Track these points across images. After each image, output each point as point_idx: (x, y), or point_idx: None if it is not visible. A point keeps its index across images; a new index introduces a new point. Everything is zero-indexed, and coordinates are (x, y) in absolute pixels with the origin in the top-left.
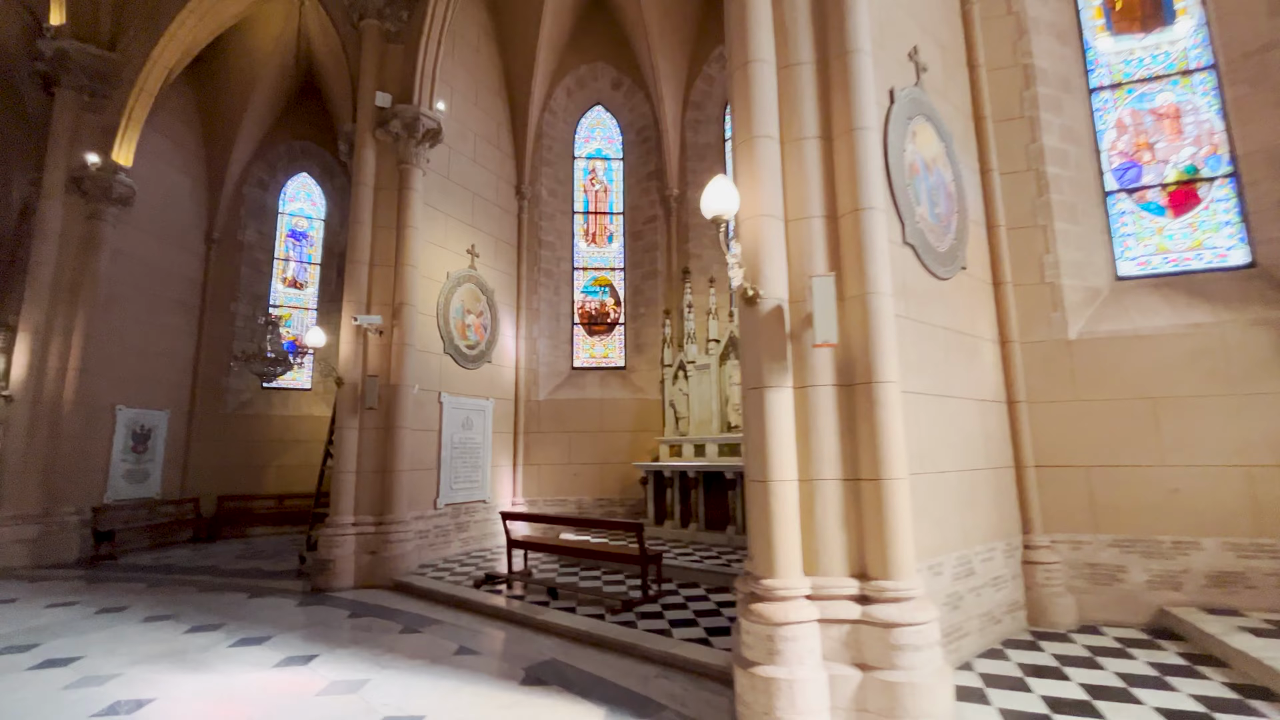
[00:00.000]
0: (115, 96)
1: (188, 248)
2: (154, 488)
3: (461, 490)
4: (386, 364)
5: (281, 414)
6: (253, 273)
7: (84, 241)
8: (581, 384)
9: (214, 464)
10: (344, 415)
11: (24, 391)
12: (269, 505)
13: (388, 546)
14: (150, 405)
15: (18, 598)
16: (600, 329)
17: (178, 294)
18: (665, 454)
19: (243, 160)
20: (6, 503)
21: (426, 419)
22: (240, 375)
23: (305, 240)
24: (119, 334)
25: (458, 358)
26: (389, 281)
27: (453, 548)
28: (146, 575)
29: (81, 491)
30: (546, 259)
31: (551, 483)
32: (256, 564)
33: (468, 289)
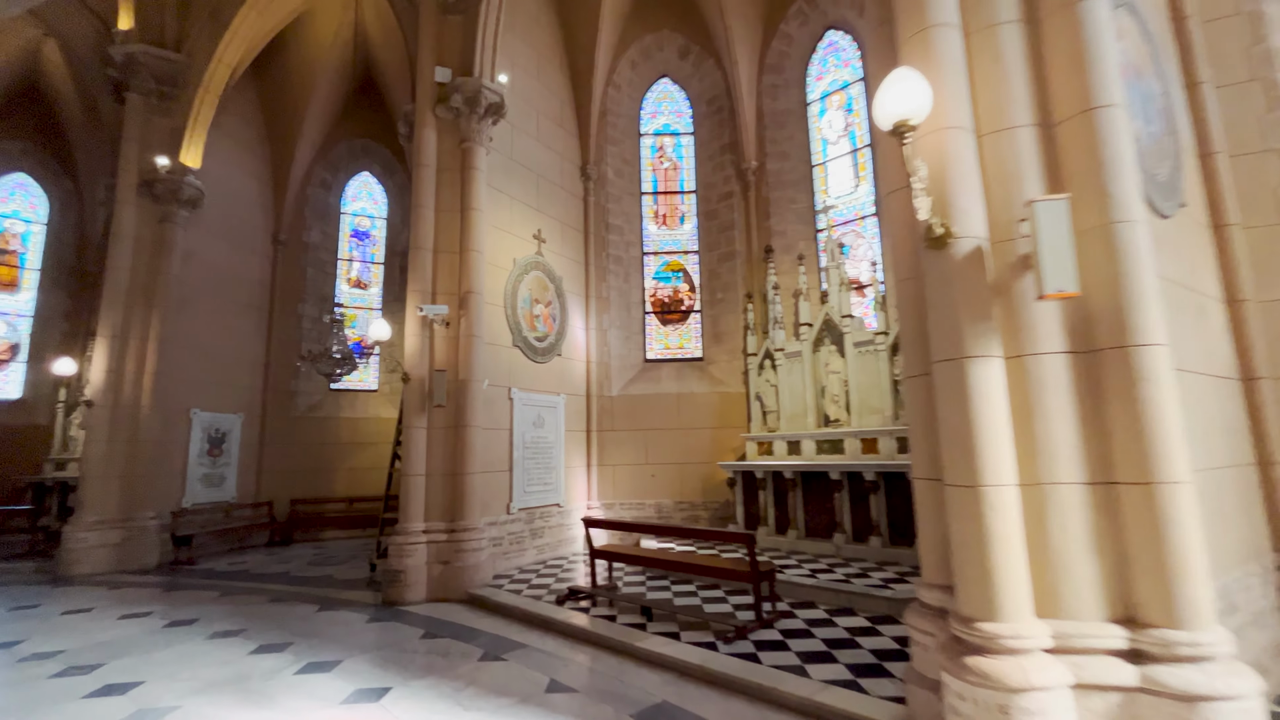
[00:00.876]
0: (182, 99)
1: (255, 249)
2: (229, 492)
3: (535, 494)
4: (454, 358)
5: (349, 416)
6: (318, 274)
7: (156, 245)
8: (656, 377)
9: (285, 467)
10: (411, 414)
11: (103, 396)
12: (339, 508)
13: (460, 556)
14: (223, 409)
15: (95, 606)
16: (674, 317)
17: (246, 296)
18: (753, 452)
19: (305, 160)
20: (89, 507)
21: (496, 417)
22: (309, 377)
23: (368, 240)
24: (191, 337)
25: (527, 350)
26: (454, 269)
27: (527, 556)
28: (220, 582)
29: (160, 496)
30: (615, 244)
31: (628, 485)
32: (328, 571)
33: (535, 277)
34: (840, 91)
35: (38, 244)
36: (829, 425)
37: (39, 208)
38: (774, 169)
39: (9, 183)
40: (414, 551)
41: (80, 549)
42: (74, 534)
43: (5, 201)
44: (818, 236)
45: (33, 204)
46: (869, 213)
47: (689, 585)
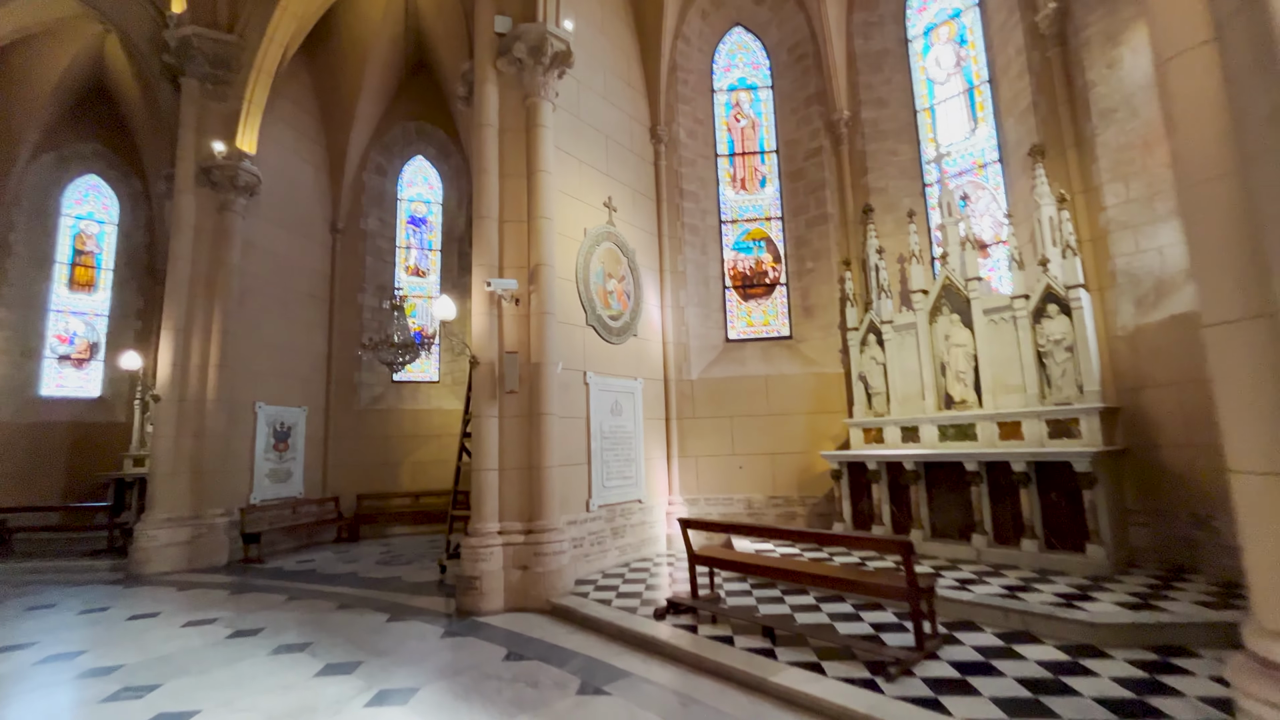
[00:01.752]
0: (236, 82)
1: (313, 238)
2: (296, 487)
3: (615, 489)
4: (525, 338)
5: (412, 408)
6: (377, 262)
7: (216, 234)
8: (740, 358)
9: (350, 461)
10: (481, 402)
11: (170, 390)
12: (405, 503)
13: (541, 560)
14: (288, 402)
15: (161, 610)
16: (757, 291)
17: (307, 286)
18: (858, 440)
19: (360, 145)
20: (159, 504)
21: (572, 404)
22: (371, 369)
23: (424, 226)
24: (253, 329)
25: (601, 330)
26: (521, 239)
27: (609, 558)
28: (288, 584)
29: (229, 492)
30: (689, 212)
31: (712, 478)
32: (396, 572)
33: (607, 249)
34: (950, 22)
35: (111, 244)
36: (952, 407)
37: (111, 208)
38: (870, 118)
39: (83, 185)
40: (489, 555)
41: (151, 547)
42: (145, 531)
43: (80, 203)
44: (925, 192)
45: (105, 205)
46: (991, 159)
47: (804, 597)
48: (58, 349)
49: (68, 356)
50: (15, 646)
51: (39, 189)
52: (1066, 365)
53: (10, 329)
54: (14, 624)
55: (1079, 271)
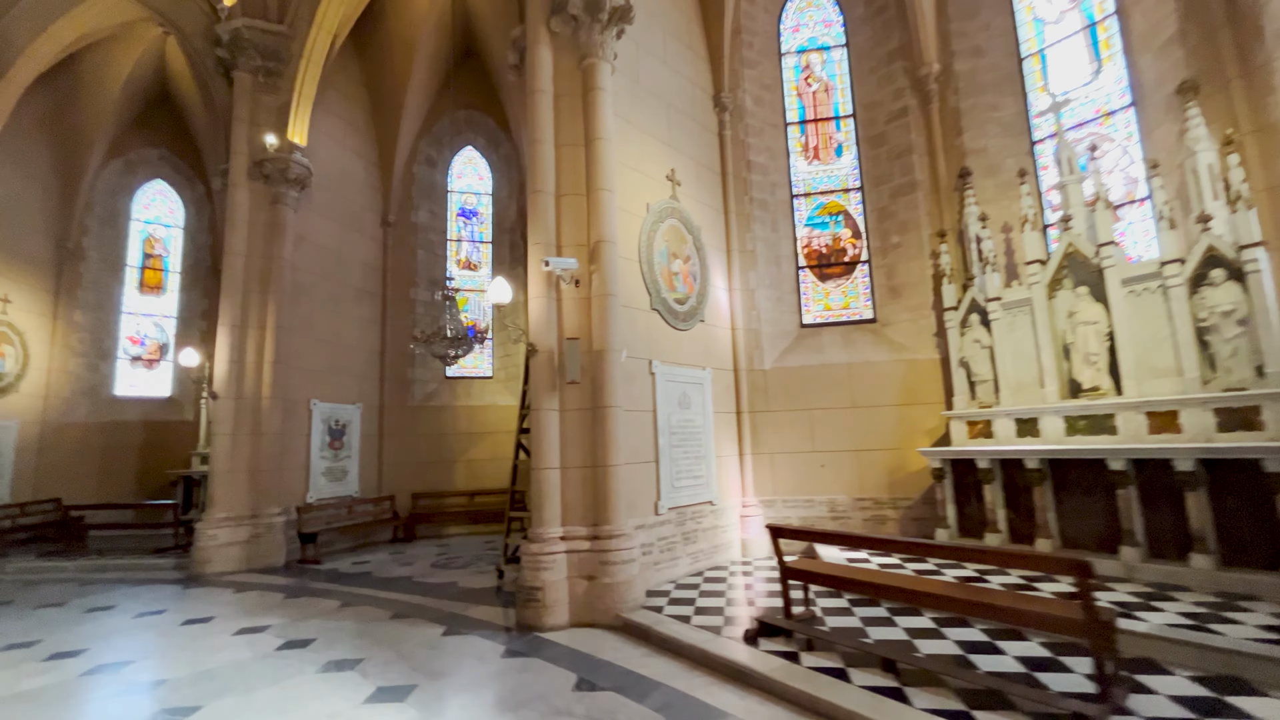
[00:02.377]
0: (286, 74)
1: (365, 232)
2: (352, 486)
3: (685, 489)
4: (586, 324)
5: (466, 404)
6: (428, 256)
7: (269, 228)
8: (817, 345)
9: (404, 459)
10: (540, 394)
11: (227, 388)
12: (460, 502)
13: (608, 569)
14: (342, 399)
15: (215, 615)
16: (835, 271)
17: (359, 281)
18: (961, 435)
19: (410, 137)
20: (219, 503)
21: (638, 396)
22: (424, 364)
23: (475, 218)
24: (307, 325)
25: (667, 315)
26: (580, 214)
27: (680, 567)
28: (343, 588)
29: (286, 491)
30: (758, 185)
31: (790, 477)
32: (452, 577)
33: (670, 226)
34: None
35: (177, 247)
36: (1080, 395)
37: (176, 212)
38: (964, 70)
39: (150, 190)
40: (552, 564)
41: (211, 547)
42: (205, 531)
43: (148, 208)
44: (1034, 150)
45: (171, 209)
46: (1120, 104)
47: (917, 619)
48: (130, 350)
49: (139, 357)
50: (66, 654)
51: (110, 195)
52: (1238, 342)
53: (86, 331)
54: (70, 628)
55: (1254, 227)
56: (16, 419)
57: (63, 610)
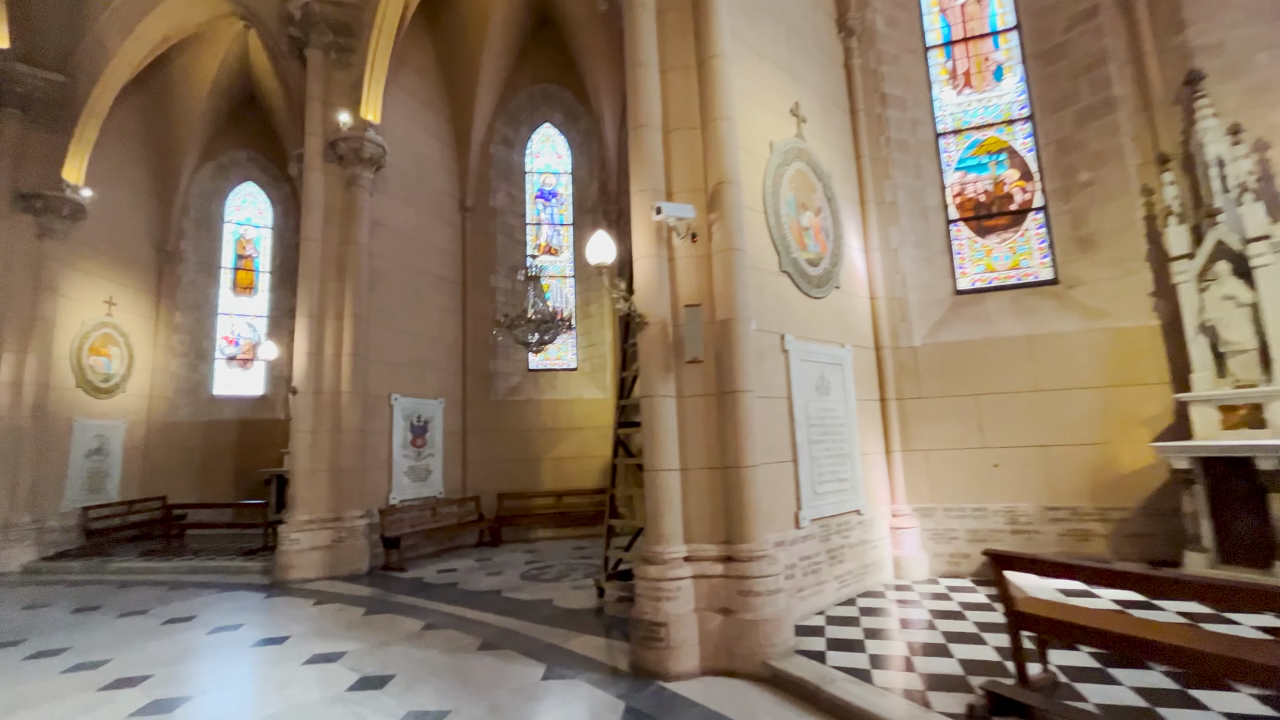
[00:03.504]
0: (358, 49)
1: (442, 217)
2: (435, 486)
3: (828, 496)
4: (706, 287)
5: (550, 398)
6: (508, 241)
7: (344, 212)
8: (981, 315)
9: (489, 457)
10: (651, 377)
11: (306, 382)
12: (548, 504)
13: (749, 600)
14: (424, 394)
15: (291, 635)
16: (999, 222)
17: (437, 269)
18: (1206, 423)
19: (485, 115)
20: (301, 505)
21: (769, 379)
22: (507, 356)
23: (555, 200)
24: (385, 315)
25: (798, 279)
26: (694, 151)
27: (827, 593)
28: (427, 604)
29: (367, 492)
30: (895, 123)
31: (952, 479)
32: (545, 592)
33: (797, 171)
34: None
35: (266, 248)
36: None
37: (265, 213)
38: None
39: (241, 192)
40: (675, 593)
41: (293, 552)
42: (287, 535)
43: (239, 209)
44: None
45: (260, 210)
46: None
47: (1227, 693)
48: (226, 350)
49: (234, 357)
50: (126, 681)
51: (204, 198)
52: None
53: (186, 332)
54: (143, 644)
55: None
56: (124, 419)
57: (143, 620)
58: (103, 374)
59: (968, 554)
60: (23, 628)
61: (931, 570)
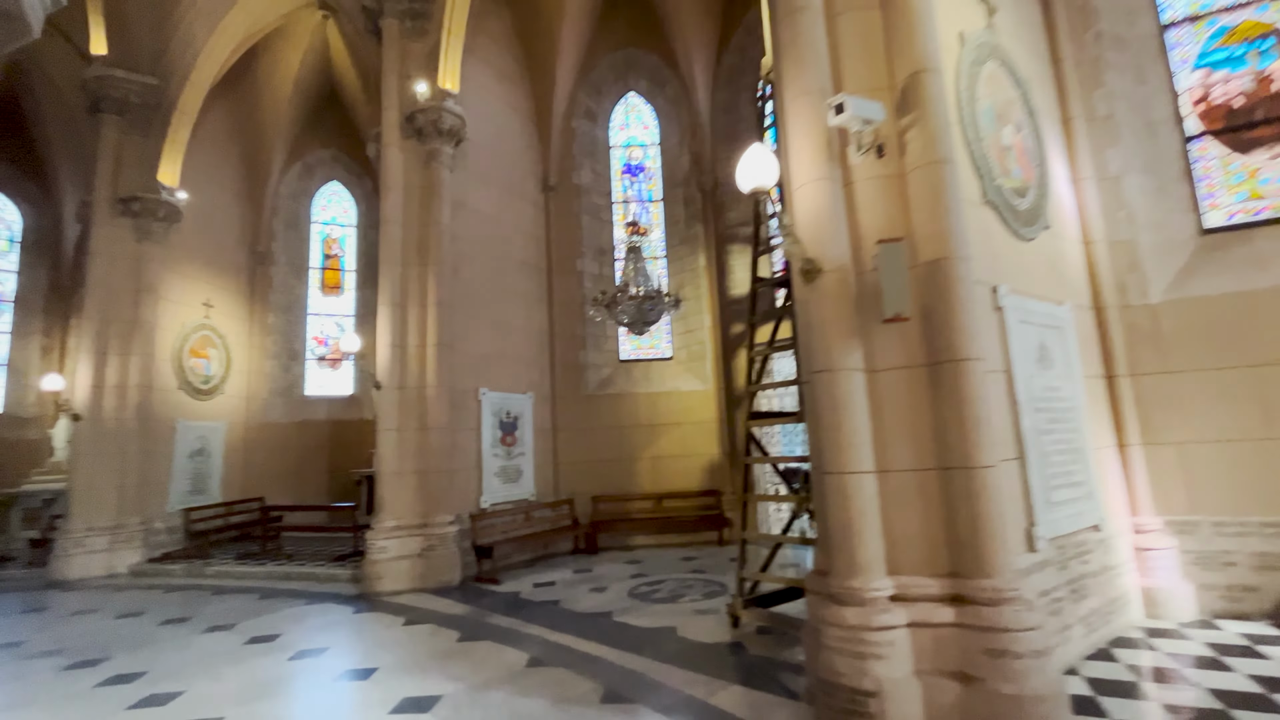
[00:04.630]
0: (433, 14)
1: (525, 197)
2: (527, 488)
3: (1063, 505)
4: (900, 217)
5: (645, 391)
6: (594, 221)
7: (424, 191)
8: (1252, 258)
9: (580, 457)
10: (828, 343)
11: (390, 376)
12: (646, 508)
13: (1002, 664)
14: (512, 388)
15: (379, 666)
16: (1265, 133)
17: (521, 253)
18: None
19: (567, 86)
20: (388, 509)
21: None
22: (598, 346)
23: (642, 175)
24: (469, 303)
25: (1005, 213)
26: (871, 37)
27: (1074, 640)
28: (528, 629)
29: (456, 495)
30: (1107, 13)
31: (1224, 485)
32: (662, 617)
33: (991, 73)
34: None
35: (352, 246)
36: None
37: (350, 212)
38: None
39: (326, 192)
40: (887, 648)
41: (382, 561)
42: (375, 542)
43: (325, 209)
44: None
45: (345, 209)
46: None
47: None
48: (316, 351)
49: (324, 357)
50: None
51: (291, 199)
52: None
53: (278, 333)
54: (220, 670)
55: None
56: (223, 420)
57: (226, 639)
58: (203, 375)
59: (1254, 586)
60: (109, 643)
61: (1201, 608)
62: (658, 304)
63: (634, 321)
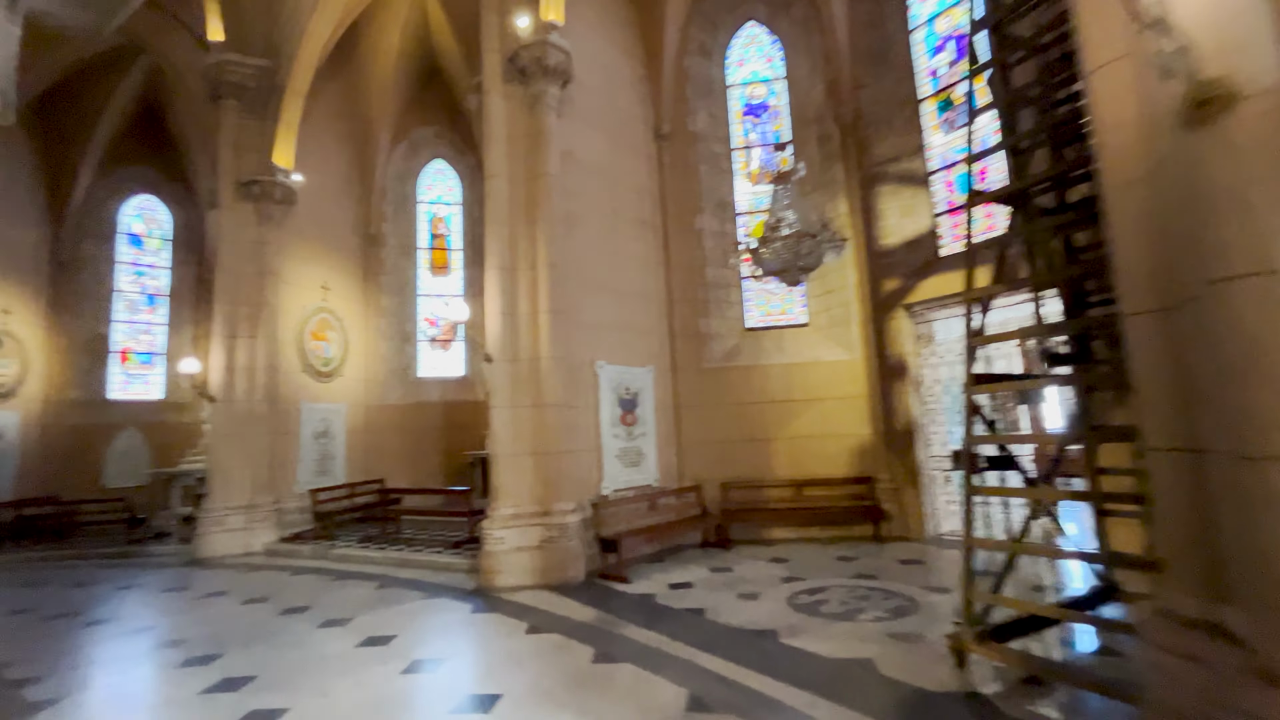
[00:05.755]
0: None
1: (635, 147)
2: (649, 472)
3: None
4: None
5: (777, 362)
6: (712, 171)
7: (530, 140)
8: None
9: (704, 437)
10: (1256, 223)
11: (501, 348)
12: (784, 496)
13: None
14: (630, 361)
15: (503, 693)
16: None
17: (633, 210)
18: None
19: (678, 19)
20: (503, 496)
21: None
22: (720, 314)
23: (765, 115)
24: (581, 267)
25: None
26: None
27: None
28: (674, 649)
29: (575, 480)
30: None
31: None
32: (845, 640)
33: None
34: None
35: (458, 225)
36: None
37: (455, 189)
38: None
39: (431, 171)
40: None
41: (499, 552)
42: (491, 532)
43: (431, 188)
44: None
45: (450, 187)
46: None
47: None
48: (427, 332)
49: (435, 338)
50: None
51: (399, 179)
52: None
53: (391, 315)
54: (328, 682)
55: None
56: (344, 402)
57: (341, 636)
58: (323, 358)
59: None
60: (227, 635)
61: None
62: (819, 242)
63: (786, 269)
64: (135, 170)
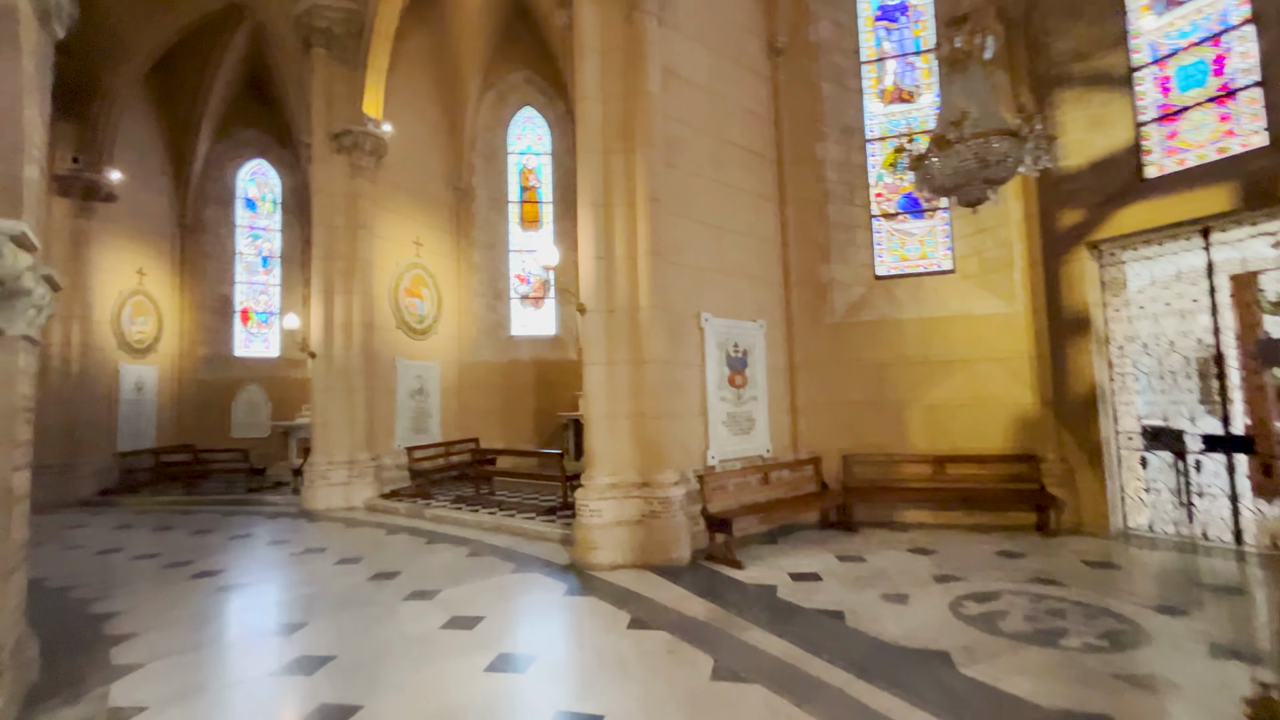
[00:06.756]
0: None
1: (744, 64)
2: (760, 441)
3: None
4: None
5: (914, 316)
6: (837, 90)
7: (627, 54)
8: None
9: (824, 401)
10: None
11: (595, 298)
12: (920, 474)
13: None
14: (739, 314)
15: (604, 714)
16: None
17: (741, 137)
18: None
19: None
20: (599, 462)
21: None
22: (844, 259)
23: (904, 18)
24: (684, 203)
25: None
26: None
27: None
28: (814, 665)
29: (678, 447)
30: None
31: None
32: (1067, 684)
33: None
34: None
35: (548, 176)
36: None
37: (544, 138)
38: None
39: (520, 119)
40: None
41: (595, 526)
42: (586, 504)
43: (520, 139)
44: None
45: (539, 135)
46: None
47: None
48: (519, 289)
49: (527, 296)
50: None
51: (488, 130)
52: None
53: (483, 272)
54: (406, 672)
55: None
56: (438, 360)
57: (426, 611)
58: (417, 315)
59: None
60: (315, 600)
61: None
62: (1020, 142)
63: (968, 182)
64: (248, 134)
